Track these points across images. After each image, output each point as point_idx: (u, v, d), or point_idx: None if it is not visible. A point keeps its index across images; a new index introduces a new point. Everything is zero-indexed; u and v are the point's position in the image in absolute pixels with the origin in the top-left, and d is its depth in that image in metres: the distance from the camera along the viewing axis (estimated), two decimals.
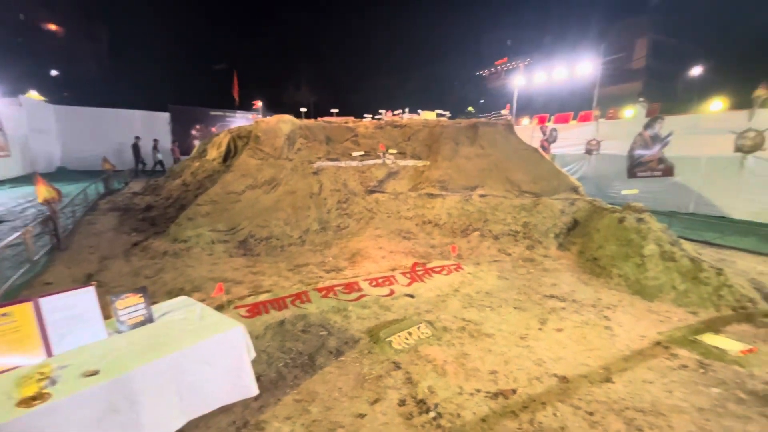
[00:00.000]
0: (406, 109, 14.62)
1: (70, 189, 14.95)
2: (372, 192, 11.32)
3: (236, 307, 5.77)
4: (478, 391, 4.25)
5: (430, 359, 4.83)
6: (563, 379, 4.53)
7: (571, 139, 22.37)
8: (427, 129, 12.89)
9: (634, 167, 19.09)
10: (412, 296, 6.82)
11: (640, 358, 5.01)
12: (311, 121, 13.30)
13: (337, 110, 15.27)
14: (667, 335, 5.67)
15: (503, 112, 13.32)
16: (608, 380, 4.52)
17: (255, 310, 5.78)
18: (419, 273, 7.71)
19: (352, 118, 14.76)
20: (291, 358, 4.79)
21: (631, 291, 7.40)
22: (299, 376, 4.44)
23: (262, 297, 6.18)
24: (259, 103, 12.65)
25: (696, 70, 31.80)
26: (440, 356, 4.90)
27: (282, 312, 5.86)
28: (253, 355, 3.97)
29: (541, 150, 24.59)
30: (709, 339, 5.45)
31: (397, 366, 4.68)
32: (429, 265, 8.08)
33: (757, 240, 11.73)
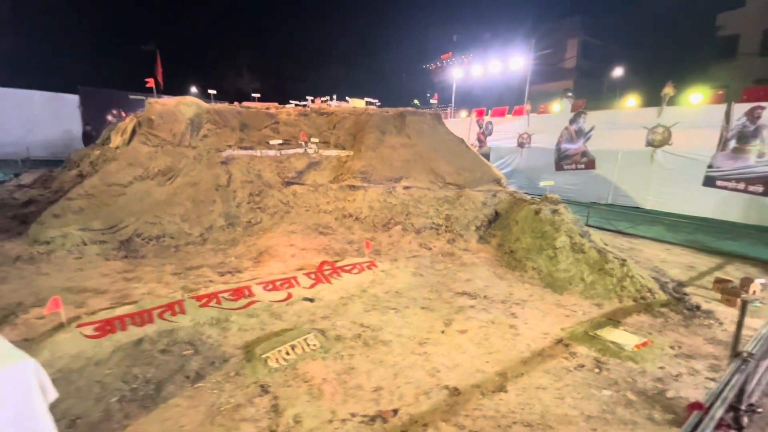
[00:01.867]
0: (334, 96, 13.77)
1: None
2: (289, 184, 10.40)
3: (79, 326, 4.68)
4: (354, 416, 3.64)
5: (307, 378, 4.15)
6: (454, 392, 4.07)
7: (505, 132, 22.82)
8: (353, 117, 12.15)
9: (561, 160, 19.83)
10: (311, 300, 6.10)
11: (539, 360, 4.71)
12: (224, 105, 12.01)
13: (258, 95, 14.04)
14: (569, 331, 5.48)
15: (431, 101, 12.91)
16: (502, 389, 4.12)
17: (105, 328, 4.73)
18: (327, 273, 7.01)
19: (275, 104, 13.62)
20: (132, 389, 3.87)
21: (543, 284, 7.27)
22: (132, 414, 3.54)
23: (121, 310, 5.13)
24: (152, 82, 11.05)
25: (619, 70, 34.04)
26: (321, 373, 4.24)
27: (144, 328, 4.87)
28: (53, 397, 3.02)
29: (477, 143, 25.10)
30: (608, 334, 5.32)
31: (264, 390, 3.94)
32: (340, 264, 7.40)
33: (662, 229, 12.46)
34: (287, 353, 4.53)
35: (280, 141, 11.15)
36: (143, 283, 6.32)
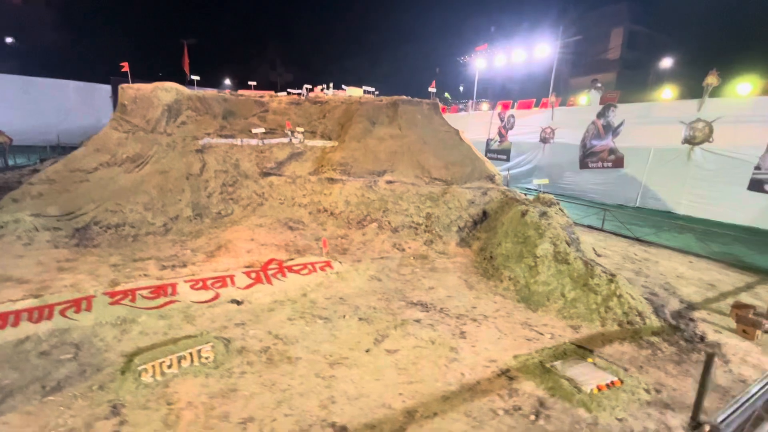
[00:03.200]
0: (330, 84, 13.11)
1: None
2: (267, 175, 9.91)
3: None
4: None
5: (172, 400, 3.56)
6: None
7: (527, 126, 21.25)
8: (344, 106, 11.45)
9: (586, 157, 18.12)
10: (238, 303, 5.53)
11: (466, 397, 3.85)
12: (211, 91, 11.68)
13: (254, 83, 13.65)
14: (522, 360, 4.54)
15: (430, 89, 11.95)
16: None
17: None
18: (271, 272, 6.41)
19: (270, 93, 13.18)
20: None
21: (518, 297, 6.29)
22: None
23: (21, 304, 4.78)
24: (126, 66, 10.85)
25: (666, 61, 30.96)
26: (191, 395, 3.64)
27: (37, 325, 4.49)
28: None
29: (498, 137, 23.61)
30: (569, 367, 4.33)
31: (114, 412, 3.39)
32: (290, 263, 6.79)
33: (692, 238, 10.84)
34: (169, 366, 3.97)
35: (264, 130, 10.67)
36: (74, 274, 6.01)
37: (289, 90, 13.13)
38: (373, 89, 12.95)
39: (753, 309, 5.80)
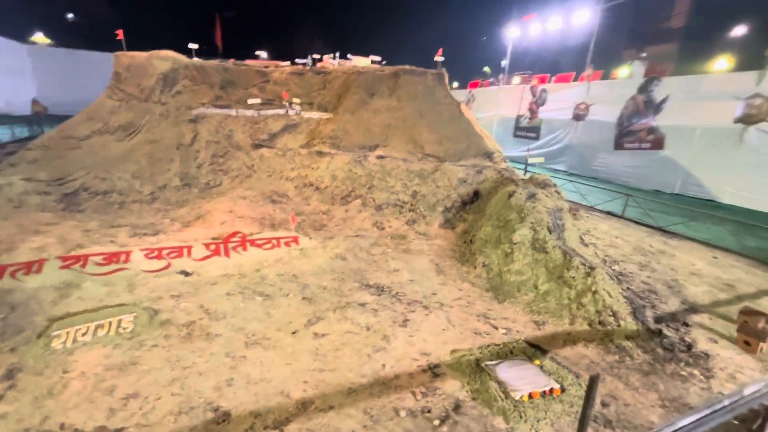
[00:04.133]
0: (336, 54, 12.55)
1: None
2: (259, 147, 9.75)
3: None
4: (63, 428, 2.92)
5: (69, 368, 3.52)
6: (221, 417, 3.13)
7: (560, 102, 19.54)
8: (344, 76, 10.93)
9: (622, 137, 16.43)
10: (187, 274, 5.46)
11: (375, 391, 3.51)
12: (211, 61, 11.55)
13: (263, 53, 13.38)
14: (458, 356, 4.10)
15: (436, 58, 11.08)
16: (281, 425, 3.07)
17: None
18: (233, 245, 6.30)
19: (275, 63, 12.89)
20: None
21: (489, 286, 5.76)
22: None
23: None
24: (121, 34, 10.84)
25: (737, 29, 27.07)
26: (89, 365, 3.58)
27: None
28: None
29: (528, 113, 22.00)
30: (505, 369, 3.84)
31: (9, 375, 3.40)
32: (254, 237, 6.63)
33: (727, 231, 9.52)
34: (84, 333, 3.95)
35: (260, 101, 10.45)
36: (45, 238, 6.21)
37: (296, 60, 12.74)
38: (380, 59, 12.25)
39: (766, 317, 4.90)
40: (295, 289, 5.27)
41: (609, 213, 11.08)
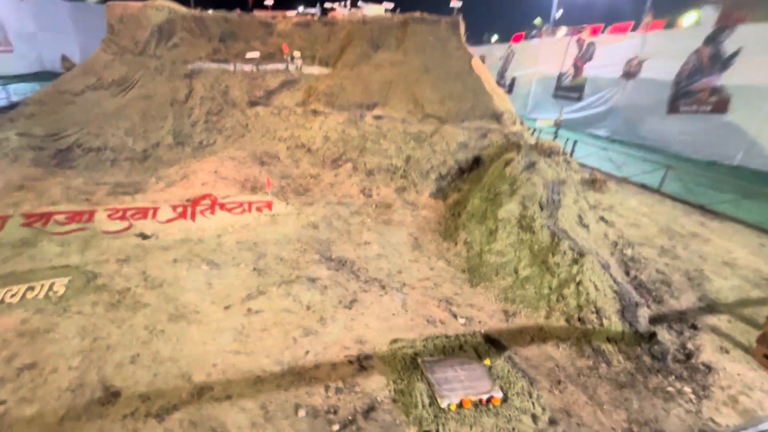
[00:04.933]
0: (347, 2, 11.47)
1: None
2: (254, 104, 9.29)
3: None
4: None
5: None
6: (108, 397, 2.90)
7: (609, 56, 17.18)
8: (349, 26, 9.99)
9: (678, 98, 14.23)
10: (145, 237, 5.28)
11: (283, 383, 3.14)
12: (210, 12, 10.95)
13: (272, 2, 12.55)
14: (396, 348, 3.61)
15: (452, 4, 9.75)
16: (160, 415, 2.80)
17: None
18: (201, 208, 6.04)
19: (283, 13, 12.05)
20: None
21: (465, 266, 5.12)
22: None
23: None
24: None
25: None
26: (2, 329, 3.48)
27: None
28: None
29: (572, 70, 19.65)
30: (441, 369, 3.31)
31: None
32: (225, 200, 6.34)
33: None
34: (13, 295, 3.87)
35: (258, 54, 9.86)
36: (25, 193, 6.28)
37: (303, 9, 11.83)
38: (392, 6, 11.06)
39: None
40: (249, 259, 4.94)
41: (644, 186, 9.72)
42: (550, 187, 5.25)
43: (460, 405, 2.95)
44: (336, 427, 2.75)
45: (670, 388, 3.36)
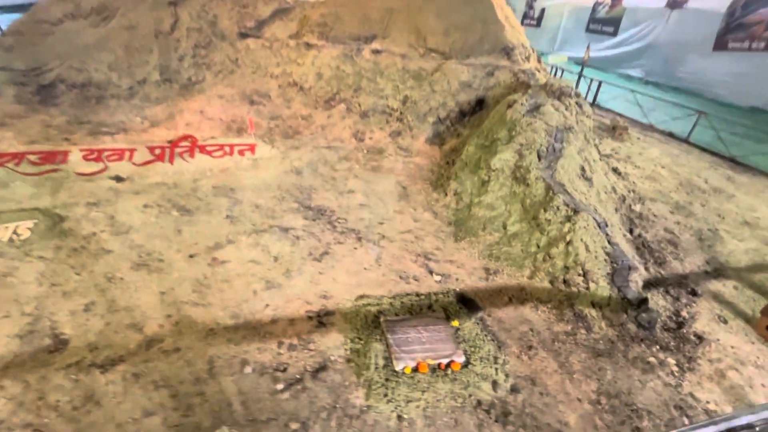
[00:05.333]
0: None
1: None
2: (245, 36, 8.55)
3: None
4: None
5: None
6: (56, 345, 2.86)
7: None
8: None
9: (728, 32, 12.48)
10: (120, 179, 5.09)
11: (234, 336, 3.02)
12: None
13: None
14: (361, 304, 3.43)
15: None
16: (104, 366, 2.74)
17: None
18: (180, 150, 5.76)
19: None
20: None
21: (453, 219, 4.79)
22: None
23: None
24: None
25: None
26: None
27: None
28: None
29: (609, 1, 17.38)
30: (401, 329, 3.13)
31: None
32: (205, 142, 6.01)
33: None
34: None
35: None
36: (3, 131, 6.08)
37: None
38: None
39: None
40: (224, 206, 4.72)
41: (671, 135, 8.84)
42: (553, 134, 4.67)
43: (416, 369, 2.79)
44: (280, 386, 2.65)
45: (651, 359, 3.11)
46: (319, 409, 2.51)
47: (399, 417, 2.51)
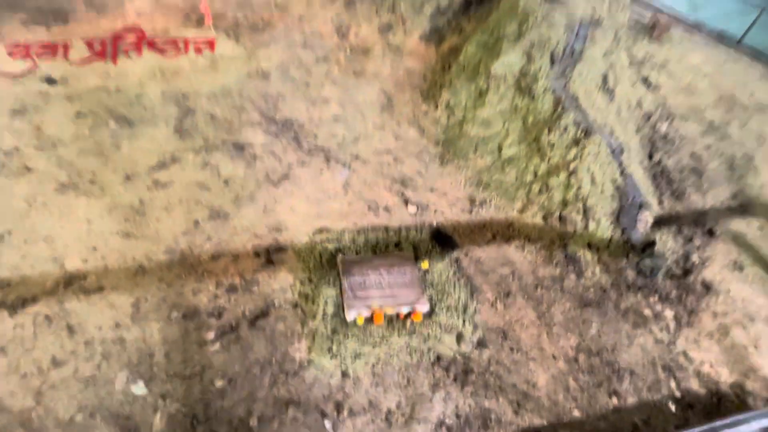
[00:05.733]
0: None
1: None
2: None
3: None
4: None
5: None
6: None
7: None
8: None
9: None
10: (51, 81, 4.32)
11: (167, 276, 2.64)
12: None
13: None
14: (320, 239, 2.97)
15: None
16: (15, 306, 2.41)
17: None
18: (126, 46, 4.83)
19: None
20: None
21: (442, 137, 4.08)
22: None
23: None
24: None
25: None
26: None
27: None
28: None
29: None
30: (360, 273, 2.70)
31: None
32: (156, 37, 5.02)
33: None
34: None
35: None
36: None
37: None
38: None
39: None
40: (172, 116, 4.03)
41: (720, 36, 7.37)
42: (575, 29, 3.66)
43: (370, 319, 2.43)
44: (211, 335, 2.33)
45: (646, 311, 2.71)
46: (251, 364, 2.21)
47: (343, 374, 2.21)
